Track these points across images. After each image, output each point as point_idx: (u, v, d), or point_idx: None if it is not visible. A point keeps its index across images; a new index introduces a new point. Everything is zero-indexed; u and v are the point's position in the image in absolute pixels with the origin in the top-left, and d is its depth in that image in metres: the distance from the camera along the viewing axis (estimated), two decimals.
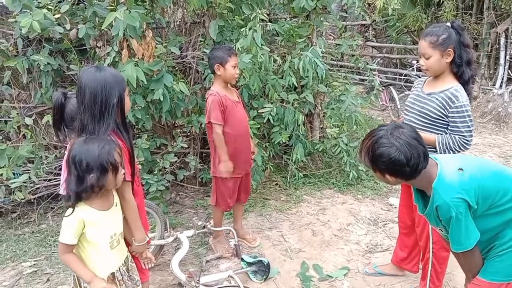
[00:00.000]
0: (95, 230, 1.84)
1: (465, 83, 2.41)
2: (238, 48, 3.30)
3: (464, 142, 2.36)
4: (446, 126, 2.42)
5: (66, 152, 2.21)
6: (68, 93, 2.14)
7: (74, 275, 1.93)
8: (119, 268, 1.97)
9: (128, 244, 2.08)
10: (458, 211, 1.68)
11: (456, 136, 2.36)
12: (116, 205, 1.95)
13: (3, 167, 3.27)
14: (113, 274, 1.94)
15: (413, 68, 7.77)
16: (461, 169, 1.74)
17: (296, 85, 4.09)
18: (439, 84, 2.45)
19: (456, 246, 1.78)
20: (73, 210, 1.77)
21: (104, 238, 1.88)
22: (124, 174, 1.89)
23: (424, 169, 1.74)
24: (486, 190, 1.72)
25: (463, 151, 2.39)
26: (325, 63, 4.33)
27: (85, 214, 1.80)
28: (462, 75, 2.40)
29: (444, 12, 7.88)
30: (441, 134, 2.43)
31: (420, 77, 2.70)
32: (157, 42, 3.37)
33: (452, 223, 1.71)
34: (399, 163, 1.69)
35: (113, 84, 1.89)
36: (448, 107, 2.36)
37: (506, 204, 1.74)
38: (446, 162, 1.79)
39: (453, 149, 2.36)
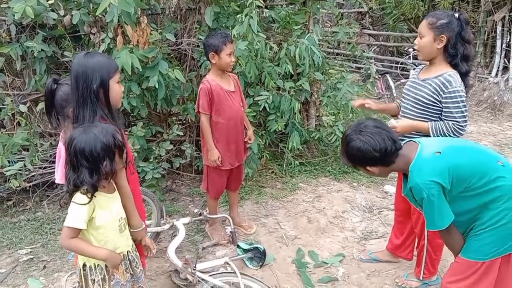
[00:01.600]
0: (105, 213, 1.84)
1: (461, 75, 2.40)
2: (234, 35, 3.27)
3: (458, 128, 2.36)
4: (439, 112, 2.43)
5: (61, 141, 2.20)
6: (61, 80, 2.12)
7: (80, 270, 1.91)
8: (127, 253, 1.98)
9: None
10: (430, 193, 1.79)
11: (450, 122, 2.37)
12: (116, 190, 1.95)
13: None
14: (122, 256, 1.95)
15: (410, 56, 7.75)
16: (439, 152, 1.85)
17: (292, 73, 4.07)
18: (434, 70, 2.46)
19: (429, 225, 1.92)
20: (90, 200, 1.77)
21: (114, 221, 1.89)
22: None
23: (400, 151, 1.92)
24: (461, 172, 1.81)
25: (458, 137, 2.40)
26: (321, 50, 4.32)
27: (95, 198, 1.81)
28: (457, 68, 2.40)
29: (441, 0, 7.85)
30: (435, 120, 2.43)
31: (416, 65, 2.71)
32: (152, 29, 3.33)
33: (424, 203, 1.84)
34: (367, 151, 1.89)
35: (94, 69, 1.87)
36: (441, 92, 2.37)
37: (482, 187, 1.83)
38: (427, 145, 1.92)
39: (447, 135, 2.37)
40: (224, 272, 2.69)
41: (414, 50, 7.49)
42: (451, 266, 2.02)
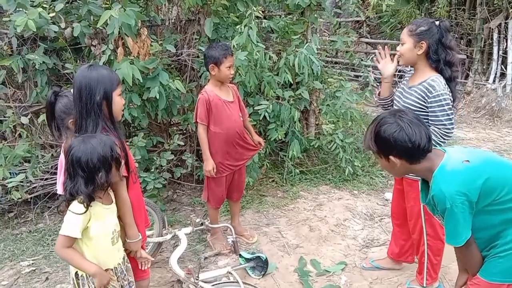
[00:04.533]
0: (100, 224, 1.86)
1: (448, 81, 2.44)
2: (233, 46, 3.30)
3: (446, 132, 2.39)
4: (428, 118, 2.45)
5: (63, 152, 2.22)
6: (61, 92, 2.15)
7: (73, 279, 1.93)
8: (117, 265, 1.98)
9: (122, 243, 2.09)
10: (454, 204, 1.65)
11: (436, 128, 2.39)
12: (113, 202, 1.97)
13: (0, 166, 3.26)
14: (111, 269, 1.96)
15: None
16: (468, 160, 1.71)
17: (292, 82, 4.10)
18: (418, 77, 2.51)
19: (449, 239, 1.78)
20: (86, 210, 1.79)
21: (107, 233, 1.90)
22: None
23: (429, 152, 1.75)
24: (490, 184, 1.68)
25: (447, 140, 2.42)
26: (320, 59, 4.35)
27: (92, 208, 1.82)
28: (441, 73, 2.44)
29: (438, 8, 7.91)
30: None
31: (407, 72, 2.75)
32: (152, 40, 3.37)
33: (446, 215, 1.70)
34: (401, 139, 1.71)
35: (98, 82, 1.91)
36: (426, 98, 2.41)
37: (510, 202, 1.70)
38: (453, 152, 1.78)
39: (437, 142, 2.37)
40: (227, 282, 2.69)
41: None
42: None
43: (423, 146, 1.72)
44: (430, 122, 2.43)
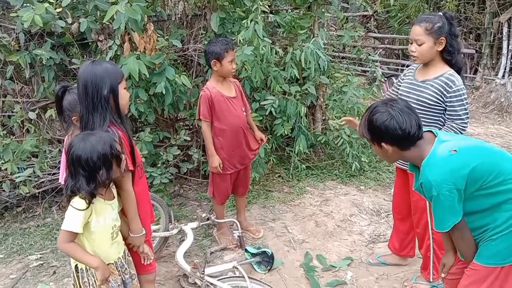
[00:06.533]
0: (101, 219, 1.87)
1: (458, 71, 2.44)
2: (239, 40, 3.29)
3: (463, 126, 2.41)
4: (442, 112, 2.45)
5: (64, 147, 2.24)
6: (70, 87, 2.16)
7: (73, 272, 1.96)
8: (117, 259, 2.00)
9: (125, 238, 2.10)
10: (440, 192, 1.73)
11: (454, 123, 2.40)
12: (116, 197, 1.98)
13: (8, 161, 3.29)
14: (112, 263, 1.98)
15: None
16: (455, 150, 1.78)
17: (298, 77, 4.08)
18: (432, 71, 2.47)
19: (436, 225, 1.86)
20: (88, 206, 1.80)
21: (107, 228, 1.92)
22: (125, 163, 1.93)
23: (419, 140, 1.84)
24: (477, 172, 1.75)
25: (462, 134, 2.43)
26: (327, 54, 4.33)
27: (94, 204, 1.84)
28: (456, 63, 2.44)
29: (446, 2, 7.83)
30: (438, 120, 2.46)
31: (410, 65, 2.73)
32: (159, 35, 3.37)
33: (433, 202, 1.78)
34: (392, 127, 1.81)
35: (103, 76, 1.91)
36: (445, 92, 2.39)
37: (497, 187, 1.76)
38: (444, 140, 1.85)
39: None
40: (233, 277, 2.70)
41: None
42: (466, 274, 1.89)
43: (413, 134, 1.81)
44: (447, 116, 2.43)
